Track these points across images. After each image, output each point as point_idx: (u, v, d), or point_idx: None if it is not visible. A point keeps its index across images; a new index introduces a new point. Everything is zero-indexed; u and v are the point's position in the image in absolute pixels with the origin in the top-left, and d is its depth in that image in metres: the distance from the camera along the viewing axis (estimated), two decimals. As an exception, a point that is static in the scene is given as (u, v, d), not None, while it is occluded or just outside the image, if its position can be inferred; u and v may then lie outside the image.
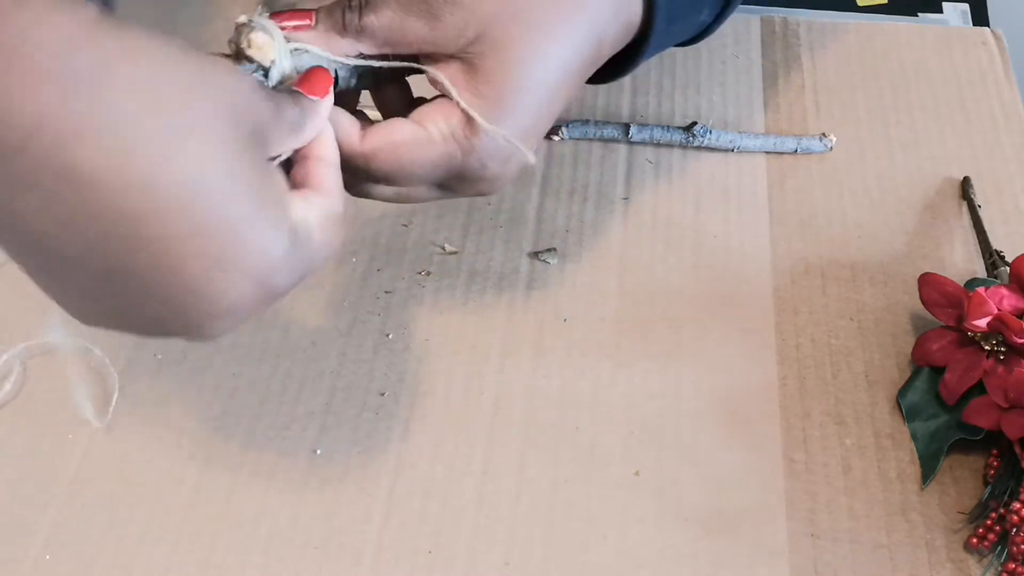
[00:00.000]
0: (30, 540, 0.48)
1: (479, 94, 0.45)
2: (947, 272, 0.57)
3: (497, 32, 0.45)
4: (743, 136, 0.65)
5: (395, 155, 0.45)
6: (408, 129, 0.46)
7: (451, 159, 0.46)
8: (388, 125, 0.46)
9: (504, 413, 0.53)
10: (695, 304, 0.58)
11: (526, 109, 0.46)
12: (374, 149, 0.45)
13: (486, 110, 0.45)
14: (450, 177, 0.47)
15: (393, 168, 0.46)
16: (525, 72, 0.46)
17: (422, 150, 0.45)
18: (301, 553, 0.48)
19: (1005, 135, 0.68)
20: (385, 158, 0.45)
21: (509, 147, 0.46)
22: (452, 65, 0.46)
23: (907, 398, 0.53)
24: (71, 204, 0.32)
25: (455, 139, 0.45)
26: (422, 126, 0.46)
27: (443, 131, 0.45)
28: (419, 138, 0.45)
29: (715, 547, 0.48)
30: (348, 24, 0.45)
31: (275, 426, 0.52)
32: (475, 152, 0.46)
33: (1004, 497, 0.48)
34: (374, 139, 0.45)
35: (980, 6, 0.79)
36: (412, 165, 0.46)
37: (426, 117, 0.46)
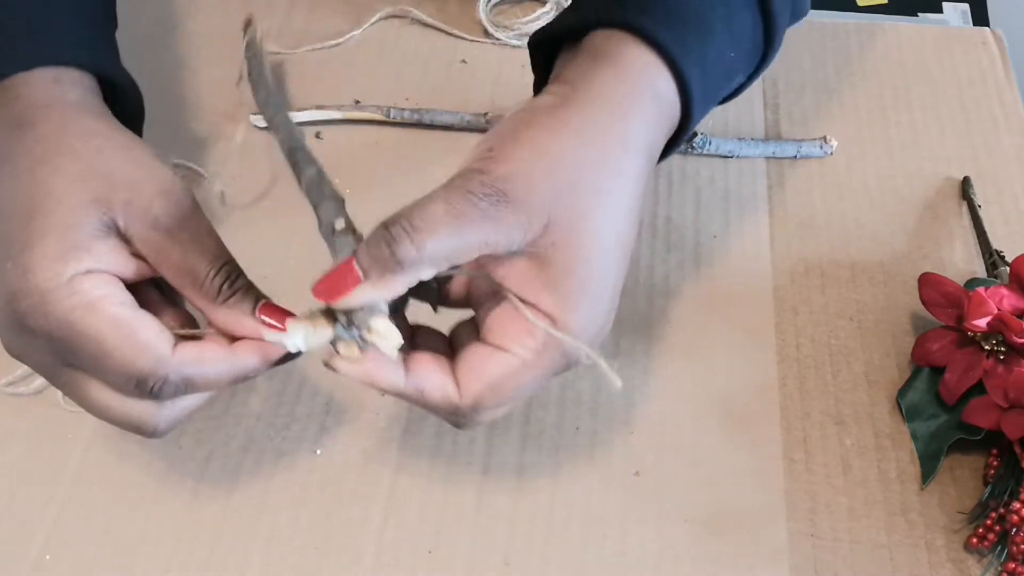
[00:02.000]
0: (30, 540, 0.48)
1: (559, 288, 0.41)
2: (947, 272, 0.57)
3: (564, 214, 0.41)
4: (743, 144, 0.65)
5: (499, 394, 0.42)
6: (500, 364, 0.42)
7: (554, 369, 0.42)
8: (475, 365, 0.42)
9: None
10: (695, 304, 0.58)
11: (609, 279, 0.42)
12: (476, 399, 0.42)
13: (572, 302, 0.41)
14: (556, 374, 0.43)
15: (502, 404, 0.42)
16: (601, 245, 0.42)
17: (523, 378, 0.42)
18: (301, 553, 0.48)
19: (1005, 135, 0.68)
20: (491, 401, 0.42)
21: (602, 324, 0.43)
22: (519, 262, 0.41)
23: (907, 398, 0.53)
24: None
25: (548, 352, 0.41)
26: (509, 352, 0.42)
27: (534, 349, 0.41)
28: (514, 368, 0.42)
29: (715, 547, 0.48)
30: (404, 259, 0.39)
31: (275, 426, 0.52)
32: (572, 351, 0.42)
33: (1004, 497, 0.48)
34: (472, 388, 0.42)
35: (980, 6, 0.79)
36: (519, 393, 0.42)
37: (508, 339, 0.42)
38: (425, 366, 0.42)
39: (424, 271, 0.40)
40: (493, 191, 0.40)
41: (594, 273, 0.41)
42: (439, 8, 0.75)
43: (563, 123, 0.43)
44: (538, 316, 0.41)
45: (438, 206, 0.40)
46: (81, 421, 0.52)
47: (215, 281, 0.42)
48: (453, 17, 0.74)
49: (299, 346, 0.41)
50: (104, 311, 0.41)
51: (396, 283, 0.40)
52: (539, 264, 0.41)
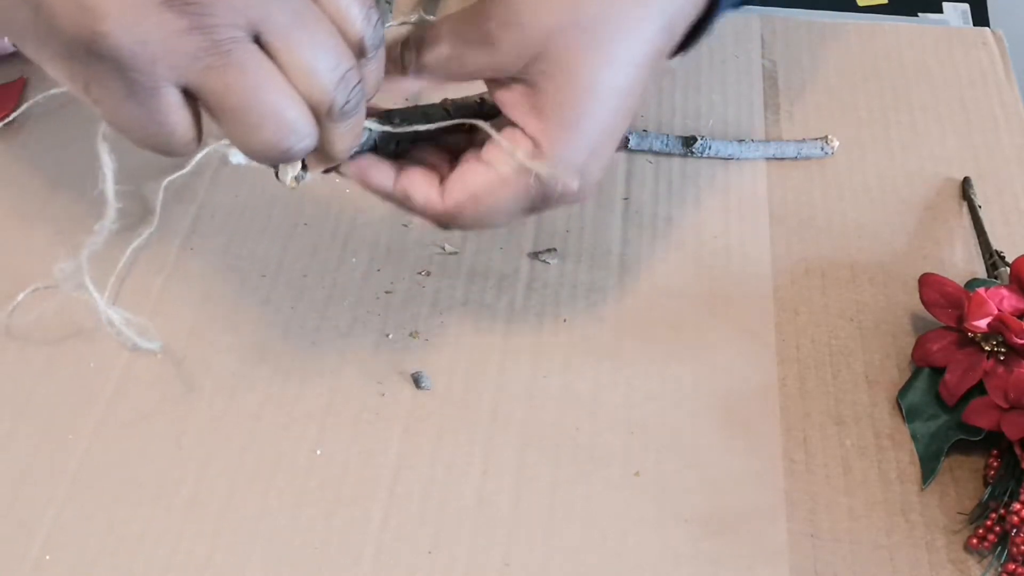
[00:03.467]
0: (30, 540, 0.48)
1: (544, 116, 0.44)
2: (947, 272, 0.57)
3: (559, 49, 0.44)
4: (743, 147, 0.65)
5: (477, 206, 0.45)
6: (481, 176, 0.45)
7: (529, 192, 0.45)
8: (463, 176, 0.45)
9: (504, 413, 0.53)
10: (695, 304, 0.58)
11: (596, 123, 0.45)
12: (456, 205, 0.45)
13: (553, 132, 0.44)
14: (535, 203, 0.46)
15: (480, 216, 0.46)
16: (593, 86, 0.44)
17: (500, 193, 0.45)
18: (301, 553, 0.48)
19: (1005, 135, 0.68)
20: (469, 212, 0.45)
21: (584, 159, 0.45)
22: (515, 88, 0.45)
23: (907, 398, 0.53)
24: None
25: (526, 173, 0.44)
26: (494, 167, 0.45)
27: (513, 166, 0.44)
28: (494, 182, 0.45)
29: (715, 547, 0.48)
30: (407, 63, 0.44)
31: (275, 426, 0.52)
32: (548, 178, 0.45)
33: (1004, 498, 0.48)
34: (453, 195, 0.45)
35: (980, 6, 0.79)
36: (495, 210, 0.45)
37: (493, 156, 0.45)
38: (413, 174, 0.46)
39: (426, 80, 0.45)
40: (494, 19, 0.44)
41: (581, 110, 0.44)
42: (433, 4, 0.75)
43: None
44: (523, 139, 0.44)
45: (443, 27, 0.45)
46: (81, 421, 0.52)
47: None
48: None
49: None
50: None
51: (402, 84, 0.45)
52: (531, 90, 0.44)
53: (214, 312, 0.57)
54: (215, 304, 0.57)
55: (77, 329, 0.56)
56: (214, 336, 0.56)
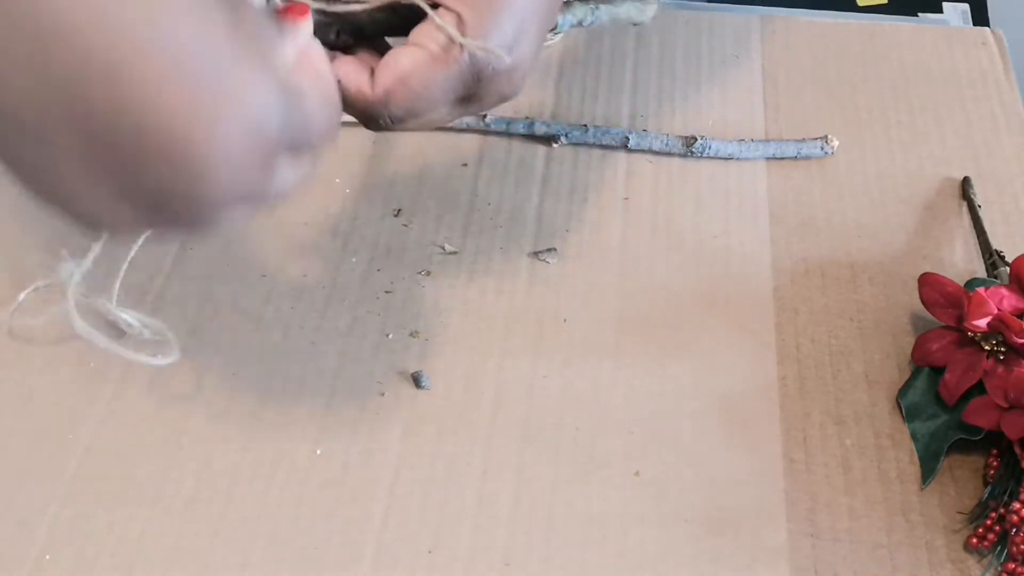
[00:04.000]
0: (30, 540, 0.48)
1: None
2: (947, 272, 0.57)
3: None
4: (743, 146, 0.65)
5: (408, 88, 0.44)
6: (408, 56, 0.44)
7: (460, 68, 0.44)
8: (389, 59, 0.45)
9: (504, 413, 0.53)
10: (695, 304, 0.58)
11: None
12: (386, 90, 0.44)
13: (478, 5, 0.44)
14: (467, 86, 0.45)
15: (411, 101, 0.45)
16: None
17: (430, 71, 0.44)
18: (301, 553, 0.48)
19: (1005, 135, 0.68)
20: (401, 95, 0.44)
21: (513, 35, 0.45)
22: None
23: (907, 398, 0.53)
24: (41, 58, 0.31)
25: (453, 48, 0.44)
26: (421, 46, 0.44)
27: (441, 42, 0.44)
28: (422, 60, 0.44)
29: (715, 547, 0.48)
30: None
31: (275, 426, 0.52)
32: (477, 53, 0.44)
33: (1004, 497, 0.48)
34: (382, 80, 0.44)
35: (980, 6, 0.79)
36: (427, 90, 0.44)
37: (422, 36, 0.45)
38: (345, 62, 0.45)
39: None
40: None
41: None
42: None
43: None
44: (448, 15, 0.44)
45: None
46: (81, 421, 0.52)
47: None
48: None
49: None
50: None
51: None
52: None
53: (214, 312, 0.57)
54: (215, 304, 0.57)
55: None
56: (214, 336, 0.56)
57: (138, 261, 0.58)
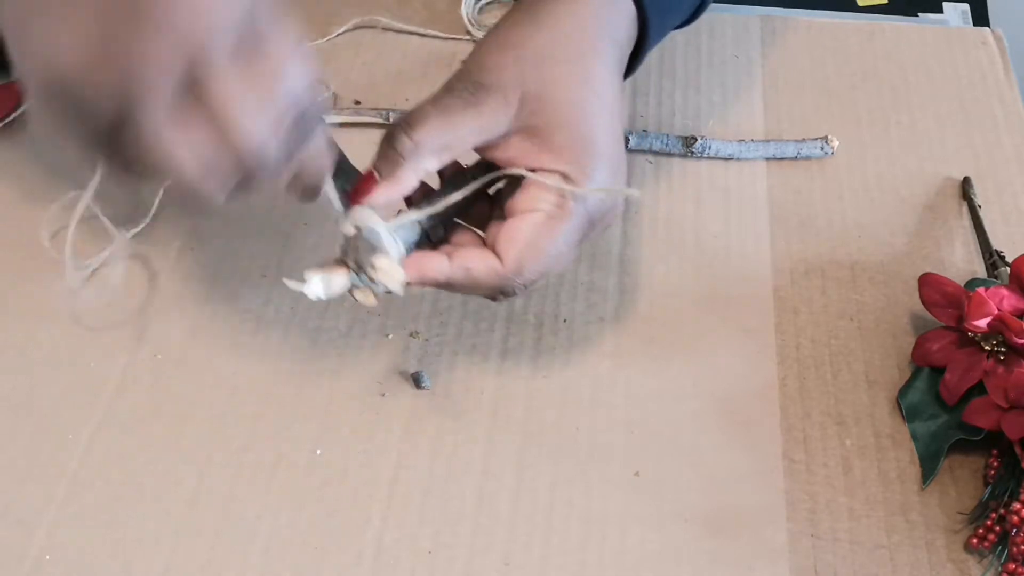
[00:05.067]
0: (30, 540, 0.48)
1: (556, 148, 0.46)
2: (947, 272, 0.57)
3: (538, 86, 0.46)
4: (743, 147, 0.65)
5: (537, 251, 0.46)
6: (527, 223, 0.46)
7: (578, 218, 0.46)
8: (510, 231, 0.46)
9: (504, 413, 0.53)
10: (695, 304, 0.58)
11: (602, 134, 0.46)
12: (517, 260, 0.46)
13: (571, 156, 0.46)
14: (584, 232, 0.47)
15: (541, 265, 0.46)
16: (582, 103, 0.46)
17: (553, 230, 0.46)
18: (301, 553, 0.48)
19: (1005, 135, 0.68)
20: (531, 262, 0.46)
21: (608, 175, 0.46)
22: (513, 142, 0.46)
23: (907, 398, 0.53)
24: None
25: (567, 201, 0.45)
26: (532, 211, 0.46)
27: (553, 202, 0.46)
28: (542, 222, 0.46)
29: (715, 547, 0.48)
30: (402, 149, 0.45)
31: (275, 426, 0.52)
32: (591, 202, 0.46)
33: (1004, 497, 0.48)
34: (510, 252, 0.46)
35: (980, 6, 0.79)
36: (554, 250, 0.46)
37: (528, 203, 0.46)
38: (466, 249, 0.47)
39: (425, 159, 0.45)
40: (471, 83, 0.46)
41: (581, 129, 0.46)
42: (426, 5, 0.75)
43: (526, 19, 0.48)
44: (548, 175, 0.46)
45: (427, 105, 0.46)
46: (81, 421, 0.52)
47: None
48: (440, 15, 0.74)
49: (318, 293, 0.45)
50: None
51: (403, 175, 0.45)
52: (529, 134, 0.46)
53: (214, 312, 0.57)
54: (215, 304, 0.57)
55: (77, 329, 0.56)
56: (214, 336, 0.56)
57: (139, 261, 0.59)
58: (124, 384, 0.54)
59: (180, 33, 0.34)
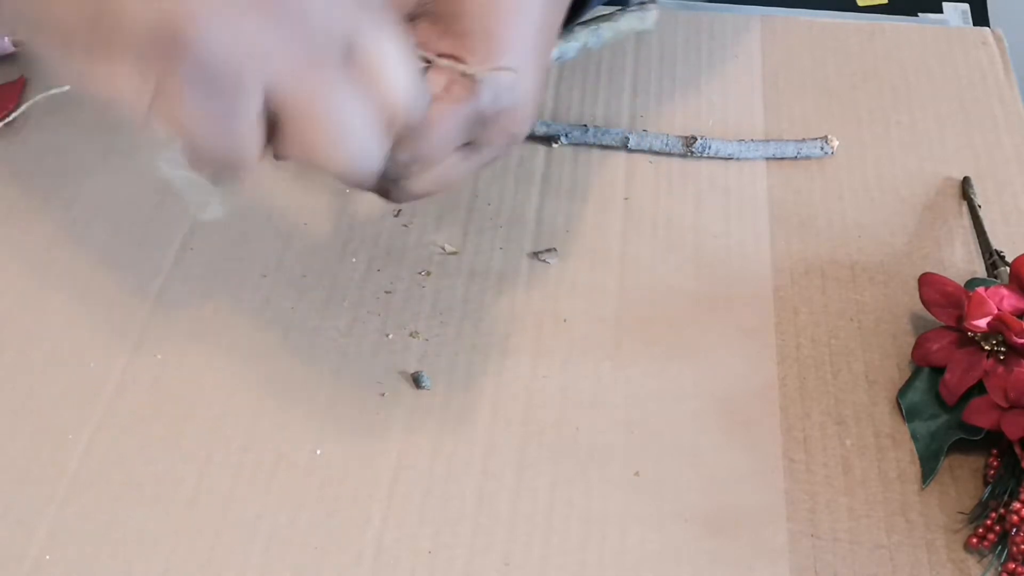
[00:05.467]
0: (30, 540, 0.48)
1: (450, 33, 0.44)
2: (947, 272, 0.57)
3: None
4: (743, 147, 0.65)
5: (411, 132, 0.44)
6: None
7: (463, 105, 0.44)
8: None
9: (504, 413, 0.53)
10: (695, 304, 0.58)
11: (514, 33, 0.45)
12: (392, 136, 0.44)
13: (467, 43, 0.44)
14: (472, 128, 0.45)
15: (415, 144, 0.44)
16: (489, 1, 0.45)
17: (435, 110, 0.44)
18: (301, 553, 0.48)
19: (1005, 135, 0.68)
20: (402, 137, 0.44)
21: (513, 76, 0.45)
22: (419, 27, 0.45)
23: (907, 398, 0.53)
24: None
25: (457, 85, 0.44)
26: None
27: (441, 84, 0.44)
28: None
29: (715, 547, 0.48)
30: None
31: (275, 426, 0.52)
32: (480, 89, 0.44)
33: (1004, 497, 0.48)
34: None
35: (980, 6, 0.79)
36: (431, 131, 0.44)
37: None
38: None
39: None
40: None
41: (485, 21, 0.45)
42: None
43: None
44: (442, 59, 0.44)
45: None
46: (81, 421, 0.52)
47: None
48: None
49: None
50: None
51: None
52: (433, 19, 0.45)
53: (214, 312, 0.57)
54: (215, 304, 0.57)
55: (77, 329, 0.56)
56: (214, 336, 0.56)
57: (139, 261, 0.59)
58: (124, 384, 0.54)
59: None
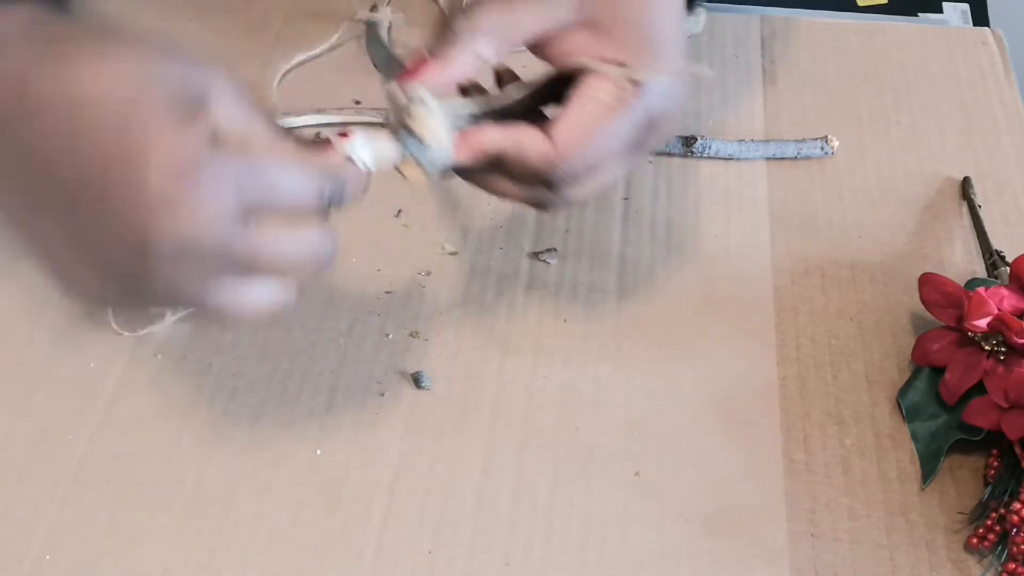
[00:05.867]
0: (30, 540, 0.48)
1: (619, 41, 0.45)
2: (947, 272, 0.57)
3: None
4: (743, 147, 0.65)
5: (587, 137, 0.44)
6: (583, 108, 0.44)
7: (634, 110, 0.45)
8: (567, 117, 0.45)
9: (504, 413, 0.53)
10: (695, 304, 0.58)
11: (666, 35, 0.46)
12: (567, 145, 0.44)
13: (634, 49, 0.45)
14: (640, 130, 0.46)
15: (591, 152, 0.45)
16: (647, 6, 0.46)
17: (607, 118, 0.44)
18: (301, 553, 0.48)
19: (1005, 135, 0.68)
20: (580, 145, 0.44)
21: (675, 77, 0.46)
22: (577, 35, 0.45)
23: (907, 398, 0.53)
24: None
25: (628, 91, 0.44)
26: (591, 99, 0.45)
27: (611, 91, 0.44)
28: (596, 110, 0.44)
29: (715, 547, 0.48)
30: (460, 32, 0.44)
31: (275, 426, 0.52)
32: (650, 93, 0.45)
33: (1004, 497, 0.48)
34: (563, 136, 0.44)
35: (980, 6, 0.79)
36: (606, 136, 0.45)
37: (586, 92, 0.45)
38: (521, 125, 0.45)
39: (480, 42, 0.44)
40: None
41: (647, 24, 0.46)
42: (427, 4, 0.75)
43: None
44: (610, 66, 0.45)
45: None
46: (81, 421, 0.52)
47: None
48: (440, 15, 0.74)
49: (364, 159, 0.42)
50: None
51: (455, 55, 0.44)
52: (591, 27, 0.45)
53: (214, 312, 0.57)
54: (215, 304, 0.57)
55: (78, 328, 0.56)
56: (214, 336, 0.56)
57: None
58: (124, 384, 0.54)
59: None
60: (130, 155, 0.35)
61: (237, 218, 0.36)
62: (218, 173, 0.36)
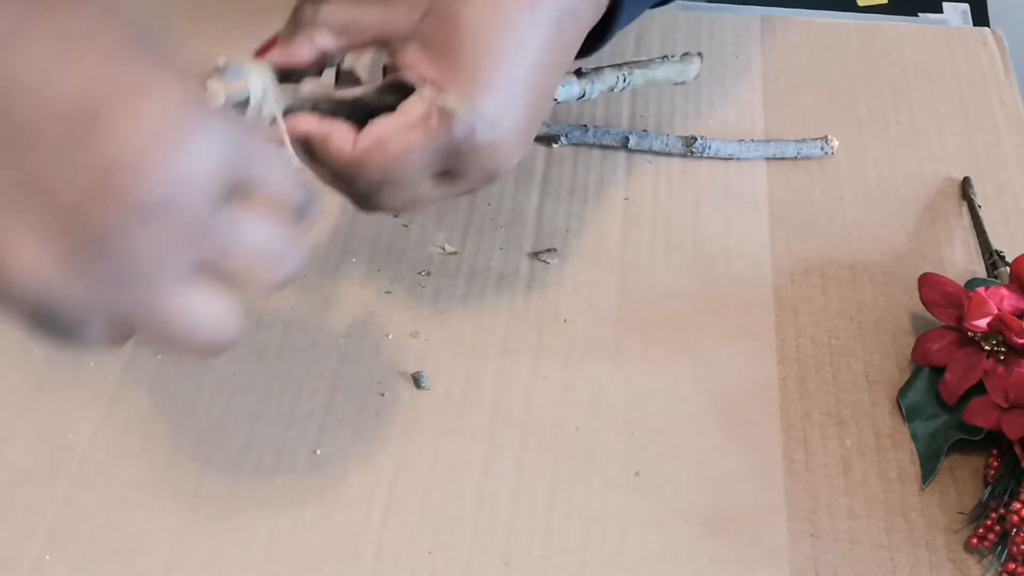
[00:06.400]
0: (30, 540, 0.48)
1: (440, 64, 0.46)
2: (947, 272, 0.57)
3: (447, 2, 0.46)
4: (743, 147, 0.65)
5: (384, 151, 0.45)
6: (389, 121, 0.46)
7: (437, 136, 0.45)
8: (373, 125, 0.46)
9: (504, 413, 0.53)
10: (695, 304, 0.58)
11: (495, 68, 0.46)
12: (364, 151, 0.45)
13: (449, 75, 0.45)
14: (446, 157, 0.46)
15: (386, 164, 0.46)
16: (478, 30, 0.46)
17: (407, 135, 0.45)
18: (301, 553, 0.48)
19: (1005, 135, 0.68)
20: (377, 157, 0.45)
21: (495, 110, 0.46)
22: (411, 48, 0.47)
23: (907, 398, 0.53)
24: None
25: (435, 115, 0.45)
26: (402, 114, 0.46)
27: (421, 111, 0.45)
28: (400, 125, 0.45)
29: (715, 547, 0.48)
30: (303, 19, 0.46)
31: (275, 426, 0.52)
32: (457, 123, 0.45)
33: (1004, 497, 0.48)
34: (362, 142, 0.46)
35: (980, 6, 0.79)
36: (404, 154, 0.45)
37: (405, 107, 0.46)
38: (341, 123, 0.46)
39: (321, 34, 0.47)
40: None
41: (475, 55, 0.46)
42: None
43: None
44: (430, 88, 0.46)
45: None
46: (81, 421, 0.52)
47: None
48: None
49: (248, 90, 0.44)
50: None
51: (296, 43, 0.47)
52: (426, 45, 0.46)
53: (214, 312, 0.57)
54: (215, 304, 0.57)
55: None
56: (214, 336, 0.56)
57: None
58: (124, 384, 0.54)
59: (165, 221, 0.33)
60: (123, 91, 0.33)
61: (222, 190, 0.34)
62: (215, 129, 0.34)
